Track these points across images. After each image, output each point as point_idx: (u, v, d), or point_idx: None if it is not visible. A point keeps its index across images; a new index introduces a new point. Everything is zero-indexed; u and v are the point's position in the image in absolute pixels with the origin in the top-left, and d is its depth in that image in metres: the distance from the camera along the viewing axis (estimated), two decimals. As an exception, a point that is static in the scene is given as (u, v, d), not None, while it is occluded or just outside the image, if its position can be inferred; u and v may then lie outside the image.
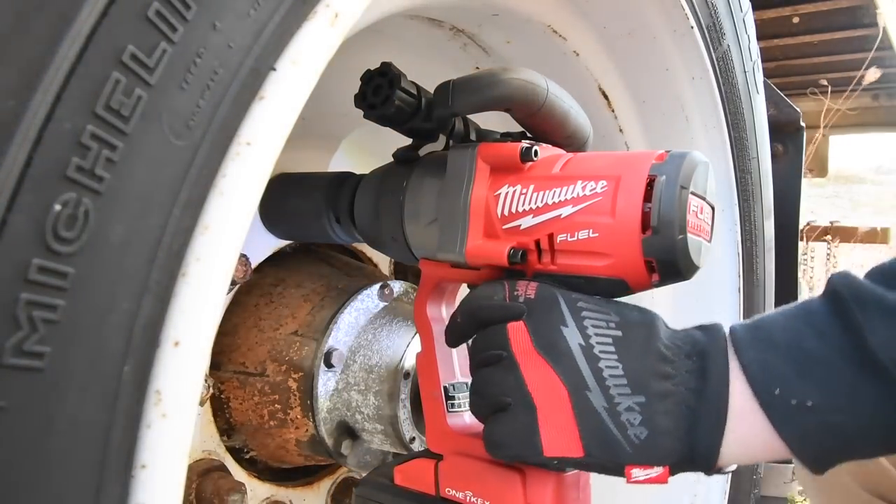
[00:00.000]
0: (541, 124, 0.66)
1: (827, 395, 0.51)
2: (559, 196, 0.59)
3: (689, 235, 0.55)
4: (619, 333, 0.57)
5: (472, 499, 0.64)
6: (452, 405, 0.69)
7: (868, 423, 0.51)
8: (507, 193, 0.62)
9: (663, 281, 0.57)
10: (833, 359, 0.52)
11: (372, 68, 0.67)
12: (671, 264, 0.56)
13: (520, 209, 0.61)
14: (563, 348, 0.57)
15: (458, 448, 0.67)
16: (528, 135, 0.68)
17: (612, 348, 0.56)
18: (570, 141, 0.69)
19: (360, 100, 0.67)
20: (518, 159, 0.62)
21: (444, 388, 0.69)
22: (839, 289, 0.53)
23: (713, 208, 0.60)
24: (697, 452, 0.54)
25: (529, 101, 0.63)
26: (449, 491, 0.66)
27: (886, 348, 0.50)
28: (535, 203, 0.60)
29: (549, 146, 0.67)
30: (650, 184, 0.55)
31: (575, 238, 0.58)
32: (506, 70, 0.63)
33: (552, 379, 0.56)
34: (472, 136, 0.69)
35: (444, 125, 0.67)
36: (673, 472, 0.55)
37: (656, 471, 0.54)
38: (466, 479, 0.65)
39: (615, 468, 0.56)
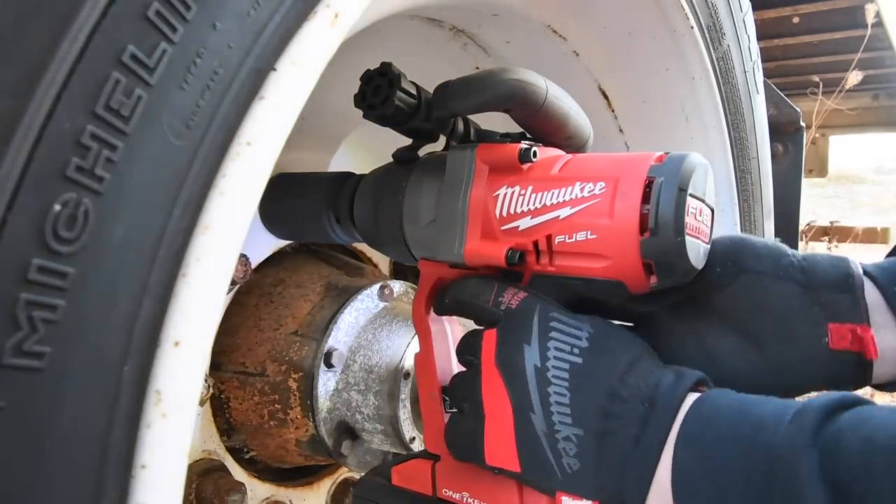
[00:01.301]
0: (540, 125, 0.66)
1: None
2: (557, 197, 0.59)
3: (687, 237, 0.55)
4: (578, 361, 0.55)
5: (469, 500, 0.64)
6: (451, 406, 0.69)
7: None
8: (505, 194, 0.62)
9: (662, 283, 0.57)
10: None
11: (372, 68, 0.67)
12: (669, 266, 0.56)
13: (518, 210, 0.61)
14: (518, 367, 0.57)
15: (457, 448, 0.67)
16: (528, 135, 0.68)
17: (565, 374, 0.55)
18: (570, 142, 0.69)
19: (360, 100, 0.67)
20: (517, 160, 0.63)
21: (443, 388, 0.69)
22: (778, 455, 0.45)
23: (712, 210, 0.60)
24: (627, 500, 0.52)
25: (529, 101, 0.63)
26: (445, 492, 0.66)
27: None
28: (534, 204, 0.60)
29: (549, 147, 0.67)
30: (648, 185, 0.56)
31: (573, 239, 0.58)
32: (505, 70, 0.63)
33: (502, 394, 0.57)
34: (472, 137, 0.69)
35: (443, 125, 0.67)
36: None
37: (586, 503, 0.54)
38: (463, 479, 0.65)
39: (548, 491, 0.56)
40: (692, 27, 1.03)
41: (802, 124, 1.61)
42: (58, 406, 0.40)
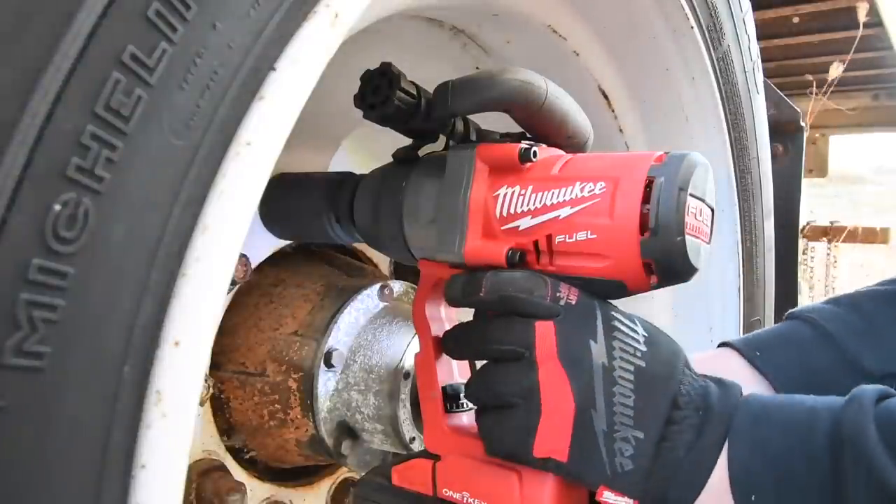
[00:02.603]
0: (540, 125, 0.66)
1: None
2: (557, 197, 0.59)
3: (687, 237, 0.55)
4: (642, 364, 0.56)
5: (469, 499, 0.64)
6: (451, 406, 0.69)
7: None
8: (505, 194, 0.62)
9: (662, 283, 0.57)
10: (813, 494, 0.51)
11: (372, 68, 0.67)
12: (669, 266, 0.56)
13: (518, 210, 0.61)
14: (585, 363, 0.57)
15: (456, 449, 0.67)
16: (528, 135, 0.68)
17: (630, 376, 0.56)
18: (570, 142, 0.69)
19: (360, 100, 0.67)
20: (517, 160, 0.62)
21: (443, 388, 0.69)
22: (845, 427, 0.51)
23: (713, 210, 0.60)
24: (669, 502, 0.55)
25: (529, 101, 0.63)
26: (446, 492, 0.66)
27: None
28: (534, 204, 0.60)
29: (549, 147, 0.67)
30: (649, 185, 0.56)
31: (573, 239, 0.58)
32: (505, 70, 0.63)
33: (565, 389, 0.56)
34: (472, 137, 0.69)
35: (443, 125, 0.67)
36: None
37: (627, 501, 0.55)
38: (464, 479, 0.65)
39: (591, 484, 0.57)
40: (692, 27, 1.04)
41: (802, 124, 1.61)
42: (58, 406, 0.40)
